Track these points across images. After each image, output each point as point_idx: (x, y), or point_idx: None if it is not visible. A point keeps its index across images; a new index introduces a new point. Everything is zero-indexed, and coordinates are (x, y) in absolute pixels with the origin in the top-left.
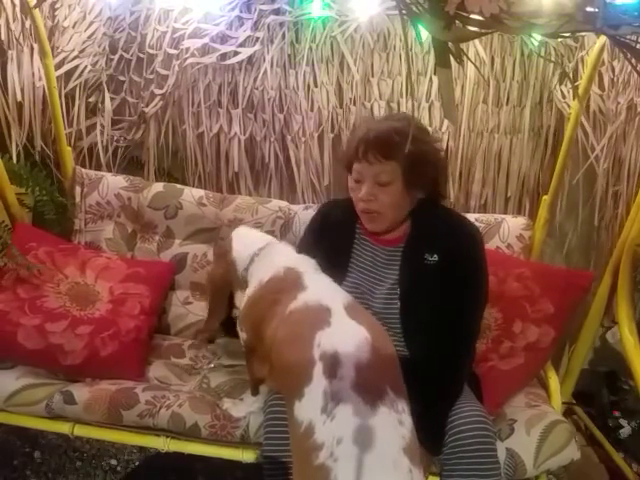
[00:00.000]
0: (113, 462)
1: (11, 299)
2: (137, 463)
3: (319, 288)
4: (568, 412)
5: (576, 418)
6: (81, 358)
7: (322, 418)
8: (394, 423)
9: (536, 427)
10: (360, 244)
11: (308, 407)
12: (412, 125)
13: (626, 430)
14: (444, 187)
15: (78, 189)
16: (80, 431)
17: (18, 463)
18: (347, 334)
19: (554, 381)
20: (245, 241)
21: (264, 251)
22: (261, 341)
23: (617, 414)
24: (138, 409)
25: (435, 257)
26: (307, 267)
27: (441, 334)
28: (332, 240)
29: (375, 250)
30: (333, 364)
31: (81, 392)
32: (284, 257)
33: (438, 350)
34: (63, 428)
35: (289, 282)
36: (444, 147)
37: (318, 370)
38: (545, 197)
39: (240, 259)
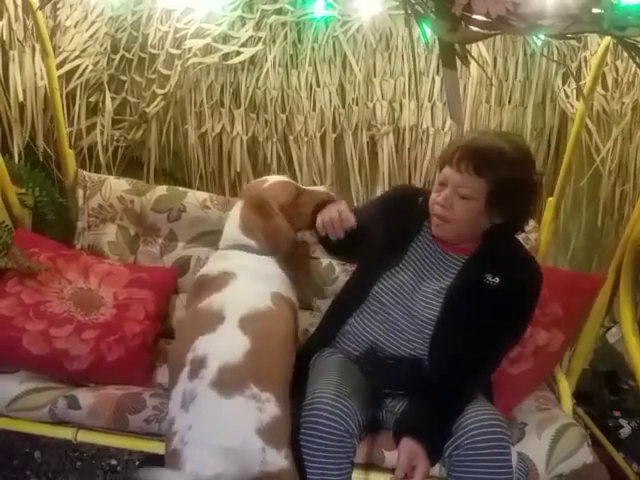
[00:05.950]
0: (113, 462)
1: (15, 304)
2: (137, 463)
3: (233, 294)
4: None
5: (576, 418)
6: (87, 363)
7: (180, 412)
8: (250, 409)
9: (547, 430)
10: (423, 237)
11: (172, 406)
12: (516, 150)
13: (626, 430)
14: (527, 220)
15: (80, 192)
16: (84, 437)
17: (18, 463)
18: (225, 342)
19: (564, 384)
20: (227, 227)
21: (223, 252)
22: None
23: (617, 414)
24: (145, 414)
25: (496, 279)
26: (248, 273)
27: (473, 350)
28: (397, 222)
29: (436, 250)
30: (198, 367)
31: (86, 396)
32: (232, 262)
33: (465, 364)
34: (66, 433)
35: (215, 282)
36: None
37: (184, 374)
38: (550, 199)
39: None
